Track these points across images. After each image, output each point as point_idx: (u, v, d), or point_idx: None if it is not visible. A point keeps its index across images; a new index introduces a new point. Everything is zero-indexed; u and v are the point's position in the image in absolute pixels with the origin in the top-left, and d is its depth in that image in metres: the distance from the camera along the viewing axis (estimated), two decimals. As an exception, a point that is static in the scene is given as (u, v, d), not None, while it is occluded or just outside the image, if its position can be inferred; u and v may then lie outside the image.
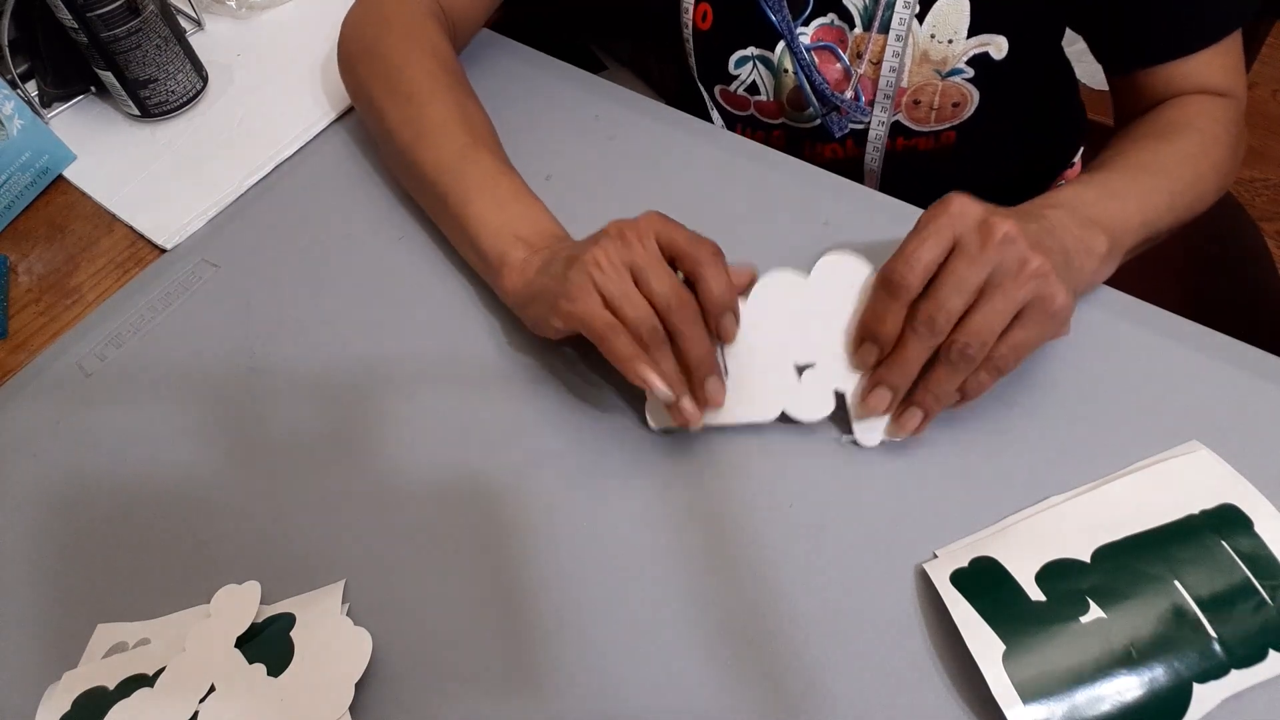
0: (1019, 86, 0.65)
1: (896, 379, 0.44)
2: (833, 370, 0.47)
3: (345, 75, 0.64)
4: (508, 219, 0.52)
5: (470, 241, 0.53)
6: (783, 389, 0.47)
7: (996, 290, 0.41)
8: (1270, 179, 1.49)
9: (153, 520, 0.49)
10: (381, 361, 0.54)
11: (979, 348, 0.42)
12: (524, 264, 0.50)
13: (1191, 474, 0.44)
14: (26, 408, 0.55)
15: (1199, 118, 0.57)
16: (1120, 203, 0.50)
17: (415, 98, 0.57)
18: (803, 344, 0.47)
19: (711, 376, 0.44)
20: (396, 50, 0.59)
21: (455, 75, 0.60)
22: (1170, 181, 0.53)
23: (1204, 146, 0.56)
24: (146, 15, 0.64)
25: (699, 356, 0.44)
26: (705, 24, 0.64)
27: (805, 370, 0.47)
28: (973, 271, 0.41)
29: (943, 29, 0.59)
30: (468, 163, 0.54)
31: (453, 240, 0.57)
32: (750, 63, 0.65)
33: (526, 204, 0.53)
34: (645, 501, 0.47)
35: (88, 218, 0.65)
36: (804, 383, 0.47)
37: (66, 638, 0.45)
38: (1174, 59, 0.58)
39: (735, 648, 0.42)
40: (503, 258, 0.51)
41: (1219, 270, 0.78)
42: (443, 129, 0.56)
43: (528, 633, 0.44)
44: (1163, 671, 0.38)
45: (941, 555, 0.43)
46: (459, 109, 0.57)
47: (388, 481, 0.49)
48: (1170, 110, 0.58)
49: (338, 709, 0.41)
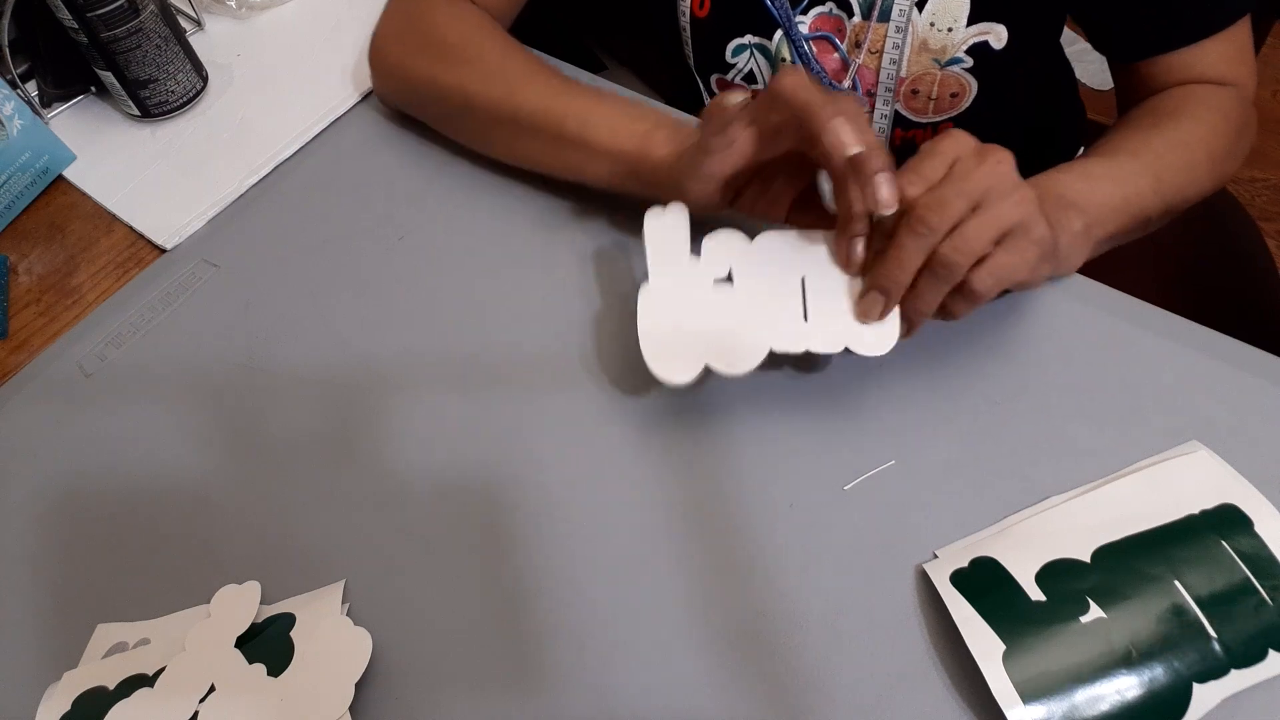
0: (1017, 79, 0.65)
1: (890, 280, 0.43)
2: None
3: (394, 80, 0.64)
4: (636, 113, 0.53)
5: (603, 148, 0.53)
6: (847, 324, 0.46)
7: (987, 207, 0.42)
8: (1270, 179, 1.50)
9: (153, 520, 0.49)
10: (381, 361, 0.54)
11: (966, 256, 0.42)
12: (671, 135, 0.51)
13: (1191, 474, 0.44)
14: (26, 408, 0.55)
15: (1197, 106, 0.57)
16: (1097, 184, 0.50)
17: (489, 58, 0.58)
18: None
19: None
20: (453, 32, 0.60)
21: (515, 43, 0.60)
22: (1157, 166, 0.53)
23: (1198, 133, 0.56)
24: (146, 15, 0.64)
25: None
26: (703, 11, 0.64)
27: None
28: (970, 183, 0.42)
29: (942, 17, 0.59)
30: (571, 92, 0.55)
31: (577, 168, 0.56)
32: (748, 51, 0.65)
33: (646, 106, 0.54)
34: (645, 501, 0.47)
35: (88, 218, 0.65)
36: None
37: (66, 638, 0.45)
38: (1176, 49, 0.58)
39: (735, 648, 0.42)
40: (646, 136, 0.51)
41: (1219, 270, 0.78)
42: (535, 74, 0.57)
43: (528, 632, 0.44)
44: (1163, 671, 0.38)
45: (941, 555, 0.43)
46: (537, 60, 0.58)
47: (388, 481, 0.49)
48: (1167, 99, 0.58)
49: (338, 709, 0.41)
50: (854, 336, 0.45)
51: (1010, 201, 0.42)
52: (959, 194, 0.42)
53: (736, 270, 0.46)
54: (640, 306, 0.47)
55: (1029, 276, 0.44)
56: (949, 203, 0.42)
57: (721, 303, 0.46)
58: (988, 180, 0.42)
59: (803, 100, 0.41)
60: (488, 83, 0.58)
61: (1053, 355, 0.49)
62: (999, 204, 0.42)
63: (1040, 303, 0.52)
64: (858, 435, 0.48)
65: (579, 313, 0.54)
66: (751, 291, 0.46)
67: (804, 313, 0.46)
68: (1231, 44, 0.58)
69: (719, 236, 0.47)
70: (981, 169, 0.42)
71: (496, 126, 0.59)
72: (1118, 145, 0.54)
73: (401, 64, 0.63)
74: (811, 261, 0.46)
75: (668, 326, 0.46)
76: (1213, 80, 0.59)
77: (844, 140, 0.40)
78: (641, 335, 0.46)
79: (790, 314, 0.46)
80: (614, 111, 0.53)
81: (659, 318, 0.47)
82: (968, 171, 0.42)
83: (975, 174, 0.42)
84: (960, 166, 0.43)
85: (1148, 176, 0.52)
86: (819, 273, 0.46)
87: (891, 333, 0.45)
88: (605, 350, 0.53)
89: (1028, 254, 0.43)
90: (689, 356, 0.45)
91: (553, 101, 0.55)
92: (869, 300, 0.44)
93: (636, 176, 0.52)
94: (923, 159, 0.43)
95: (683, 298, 0.47)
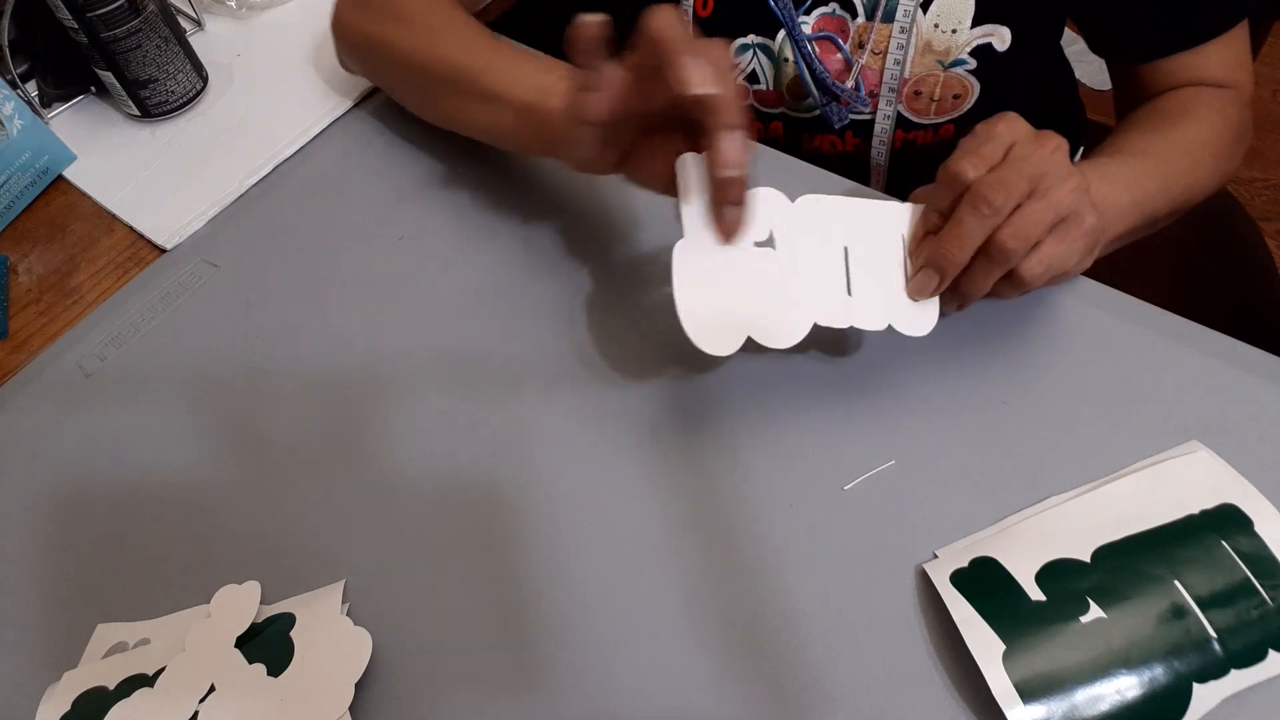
0: (1019, 81, 0.65)
1: (948, 259, 0.43)
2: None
3: (343, 32, 0.64)
4: (545, 66, 0.52)
5: (506, 100, 0.52)
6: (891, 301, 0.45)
7: (1044, 193, 0.42)
8: (1270, 179, 1.50)
9: (153, 520, 0.49)
10: (381, 361, 0.54)
11: (1023, 242, 0.42)
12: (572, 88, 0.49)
13: (1191, 474, 0.44)
14: (26, 408, 0.55)
15: (1199, 107, 0.57)
16: (1110, 186, 0.50)
17: (419, 20, 0.58)
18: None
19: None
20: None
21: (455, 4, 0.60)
22: (1164, 167, 0.54)
23: (1201, 135, 0.56)
24: (146, 15, 0.64)
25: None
26: (705, 11, 0.64)
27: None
28: (1030, 165, 0.42)
29: (947, 19, 0.59)
30: (482, 45, 0.55)
31: (485, 125, 0.55)
32: (750, 51, 0.65)
33: (552, 60, 0.53)
34: (645, 501, 0.47)
35: (88, 218, 0.65)
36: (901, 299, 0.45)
37: (66, 638, 0.45)
38: (1179, 52, 0.58)
39: (735, 648, 0.42)
40: (548, 88, 0.50)
41: (1219, 270, 0.78)
42: (456, 30, 0.57)
43: (528, 632, 0.43)
44: (1163, 671, 0.38)
45: (941, 555, 0.43)
46: (465, 18, 0.58)
47: (388, 481, 0.49)
48: (1169, 100, 0.59)
49: (338, 709, 0.41)
50: (898, 315, 0.44)
51: (1066, 188, 0.42)
52: (1020, 175, 0.42)
53: (778, 234, 0.45)
54: (675, 265, 0.44)
55: (1076, 266, 0.44)
56: (1012, 184, 0.42)
57: (762, 268, 0.44)
58: (1045, 165, 0.42)
59: (664, 35, 0.39)
60: (414, 39, 0.58)
61: (1053, 355, 0.49)
62: (1056, 190, 0.42)
63: (1041, 303, 0.52)
64: (858, 435, 0.48)
65: (580, 312, 0.54)
66: (793, 258, 0.45)
67: (847, 285, 0.45)
68: (1230, 47, 0.59)
69: (759, 194, 0.44)
70: (1039, 153, 0.42)
71: (422, 84, 0.59)
72: (1126, 146, 0.54)
73: (349, 26, 0.64)
74: (855, 231, 0.45)
75: (705, 290, 0.44)
76: (1213, 83, 0.59)
77: (690, 77, 0.38)
78: (678, 299, 0.43)
79: (833, 286, 0.45)
80: (524, 64, 0.52)
81: (695, 278, 0.44)
82: (1026, 155, 0.42)
83: (1035, 157, 0.42)
84: (1019, 150, 0.43)
85: (1156, 178, 0.53)
86: (863, 243, 0.45)
87: (933, 314, 0.44)
88: (606, 350, 0.53)
89: (1077, 244, 0.43)
90: (730, 327, 0.44)
91: (470, 57, 0.54)
92: (924, 277, 0.44)
93: (538, 131, 0.50)
94: (981, 141, 0.44)
95: (720, 259, 0.44)
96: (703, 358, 0.50)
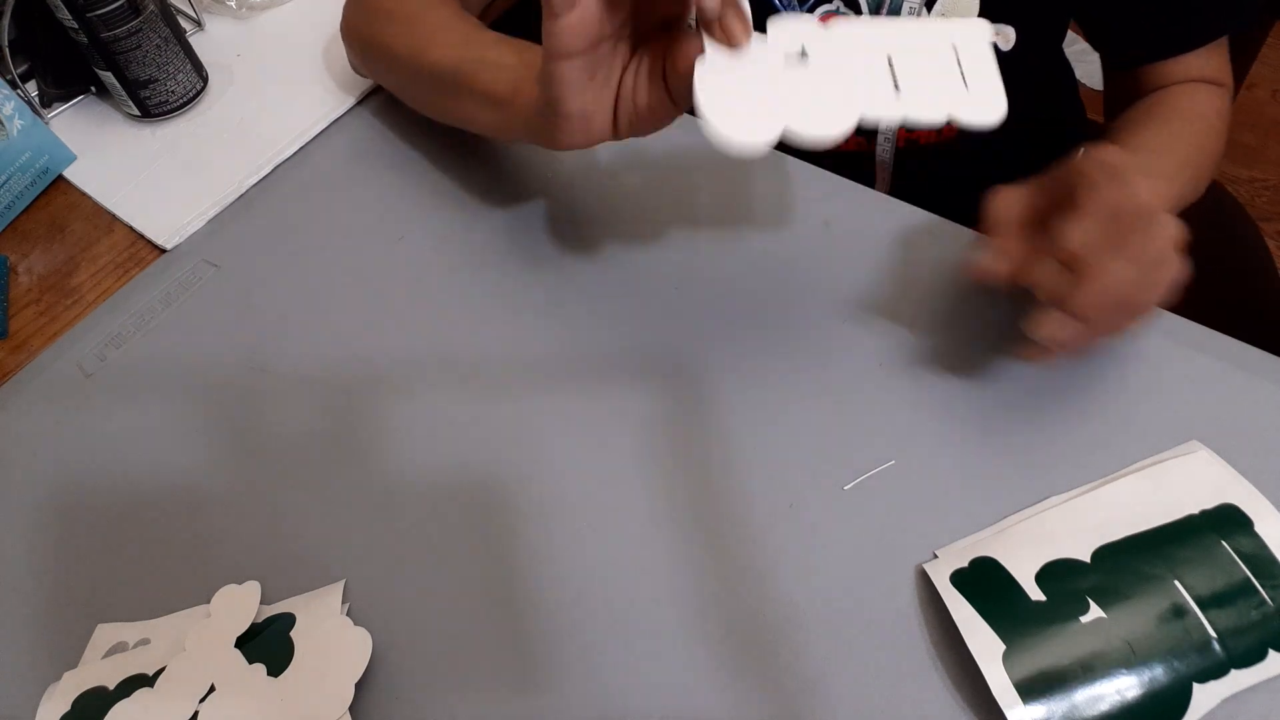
0: (1022, 81, 0.65)
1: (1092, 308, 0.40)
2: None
3: (351, 37, 0.65)
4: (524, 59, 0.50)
5: (489, 94, 0.51)
6: (946, 92, 0.41)
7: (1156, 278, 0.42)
8: (1270, 179, 1.49)
9: (153, 520, 0.49)
10: (382, 361, 0.54)
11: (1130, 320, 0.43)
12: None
13: (1191, 474, 0.44)
14: (26, 408, 0.55)
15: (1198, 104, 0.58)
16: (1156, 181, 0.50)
17: (416, 20, 0.58)
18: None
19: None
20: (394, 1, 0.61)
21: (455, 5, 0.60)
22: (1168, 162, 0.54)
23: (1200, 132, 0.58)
24: (147, 15, 0.64)
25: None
26: None
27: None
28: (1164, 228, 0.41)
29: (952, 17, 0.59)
30: (473, 41, 0.54)
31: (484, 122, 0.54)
32: None
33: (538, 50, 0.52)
34: (645, 501, 0.47)
35: (88, 218, 0.65)
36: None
37: (66, 638, 0.45)
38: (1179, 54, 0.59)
39: (735, 648, 0.42)
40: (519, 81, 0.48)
41: (1219, 270, 0.78)
42: (446, 29, 0.56)
43: (528, 632, 0.44)
44: (1162, 671, 0.38)
45: (941, 555, 0.43)
46: (459, 16, 0.58)
47: (388, 481, 0.49)
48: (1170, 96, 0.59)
49: (338, 709, 0.41)
50: (957, 104, 0.40)
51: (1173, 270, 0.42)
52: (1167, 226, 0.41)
53: (811, 49, 0.41)
54: (697, 78, 0.40)
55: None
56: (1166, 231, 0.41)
57: (798, 77, 0.40)
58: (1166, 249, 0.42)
59: None
60: (411, 41, 0.58)
61: (1053, 355, 0.50)
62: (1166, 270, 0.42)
63: (1040, 303, 0.52)
64: (858, 435, 0.48)
65: (580, 312, 0.54)
66: (832, 66, 0.40)
67: (894, 84, 0.40)
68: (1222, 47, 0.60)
69: (785, 17, 0.42)
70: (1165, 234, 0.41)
71: (422, 86, 0.59)
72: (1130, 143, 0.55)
73: (354, 30, 0.64)
74: (898, 44, 0.41)
75: (733, 89, 0.40)
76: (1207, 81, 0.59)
77: None
78: (699, 96, 0.39)
79: (881, 83, 0.40)
80: (512, 55, 0.51)
81: (723, 85, 0.39)
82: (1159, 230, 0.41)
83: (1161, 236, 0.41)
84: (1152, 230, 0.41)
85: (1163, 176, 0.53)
86: (909, 51, 0.41)
87: (999, 98, 0.40)
88: (606, 350, 0.53)
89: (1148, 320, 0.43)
90: (765, 116, 0.39)
91: (461, 55, 0.54)
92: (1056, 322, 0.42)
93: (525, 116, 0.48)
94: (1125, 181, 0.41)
95: (750, 71, 0.40)
96: (703, 357, 0.50)
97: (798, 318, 0.53)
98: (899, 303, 0.52)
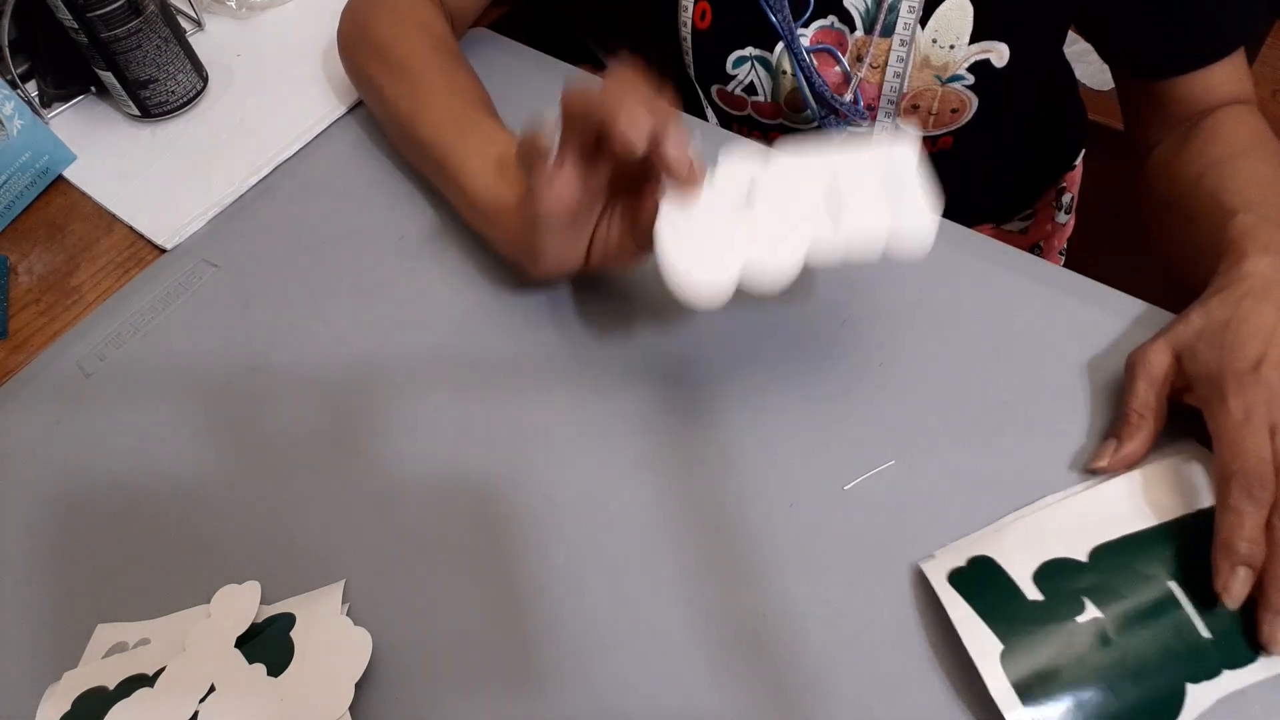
0: (1019, 93, 0.65)
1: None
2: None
3: (344, 59, 0.65)
4: (503, 175, 0.51)
5: (469, 201, 0.53)
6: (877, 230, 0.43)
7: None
8: (1270, 179, 1.49)
9: (153, 520, 0.49)
10: (381, 361, 0.54)
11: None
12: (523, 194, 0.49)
13: (1189, 473, 0.44)
14: (26, 408, 0.55)
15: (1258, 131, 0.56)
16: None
17: (408, 71, 0.58)
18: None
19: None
20: (387, 28, 0.61)
21: (446, 48, 0.60)
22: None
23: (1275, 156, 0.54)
24: (147, 15, 0.64)
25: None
26: (704, 23, 0.64)
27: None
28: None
29: (945, 34, 0.59)
30: (461, 129, 0.55)
31: (455, 206, 0.57)
32: (748, 63, 0.65)
33: (508, 145, 0.53)
34: (645, 501, 0.47)
35: (88, 218, 0.65)
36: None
37: (66, 638, 0.45)
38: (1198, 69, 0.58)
39: (735, 648, 0.42)
40: (499, 203, 0.50)
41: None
42: (436, 99, 0.57)
43: (528, 632, 0.44)
44: (1157, 671, 0.38)
45: (939, 555, 0.43)
46: (449, 80, 0.58)
47: (388, 481, 0.49)
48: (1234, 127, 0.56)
49: (338, 709, 0.41)
50: (891, 237, 0.42)
51: None
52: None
53: (757, 189, 0.44)
54: (658, 230, 0.43)
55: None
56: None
57: (744, 228, 0.44)
58: None
59: (584, 104, 0.39)
60: (398, 91, 0.58)
61: (1052, 355, 0.50)
62: None
63: (1040, 303, 0.52)
64: (858, 435, 0.48)
65: (580, 313, 0.54)
66: (778, 205, 0.44)
67: (835, 225, 0.43)
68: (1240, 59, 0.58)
69: (733, 159, 0.45)
70: None
71: (403, 143, 0.61)
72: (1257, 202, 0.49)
73: (348, 50, 0.65)
74: (836, 174, 0.44)
75: (691, 246, 0.43)
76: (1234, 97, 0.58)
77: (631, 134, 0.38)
78: (662, 253, 0.43)
79: (821, 225, 0.43)
80: (485, 167, 0.52)
81: (680, 236, 0.43)
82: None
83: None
84: None
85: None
86: (846, 186, 0.44)
87: (929, 229, 0.42)
88: (606, 350, 0.53)
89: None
90: (719, 267, 0.43)
91: (441, 136, 0.55)
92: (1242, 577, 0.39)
93: (502, 244, 0.52)
94: (1250, 431, 0.40)
95: (704, 219, 0.44)
96: (703, 357, 0.51)
97: (798, 318, 0.53)
98: (899, 303, 0.53)
